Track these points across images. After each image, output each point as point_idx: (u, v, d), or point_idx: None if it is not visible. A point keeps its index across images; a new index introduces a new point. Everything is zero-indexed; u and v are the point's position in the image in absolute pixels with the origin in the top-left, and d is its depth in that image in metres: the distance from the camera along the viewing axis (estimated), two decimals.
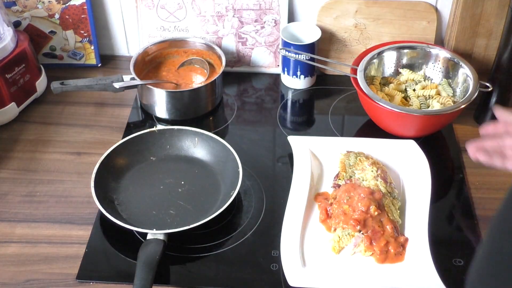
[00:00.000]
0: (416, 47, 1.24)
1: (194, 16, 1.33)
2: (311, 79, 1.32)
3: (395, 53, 1.25)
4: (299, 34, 1.31)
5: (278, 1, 1.29)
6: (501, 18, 1.23)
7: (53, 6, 1.31)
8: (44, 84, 1.30)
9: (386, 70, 1.26)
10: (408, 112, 1.10)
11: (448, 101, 1.16)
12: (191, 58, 1.31)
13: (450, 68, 1.21)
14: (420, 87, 1.21)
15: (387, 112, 1.11)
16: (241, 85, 1.35)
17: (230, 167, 1.06)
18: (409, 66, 1.25)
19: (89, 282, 0.93)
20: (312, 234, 0.98)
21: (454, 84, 1.21)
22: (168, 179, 1.08)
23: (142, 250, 0.91)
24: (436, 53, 1.23)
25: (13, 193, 1.08)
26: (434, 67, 1.24)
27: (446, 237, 1.00)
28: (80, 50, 1.37)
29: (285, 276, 0.90)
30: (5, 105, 1.20)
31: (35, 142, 1.19)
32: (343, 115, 1.27)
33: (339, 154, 1.09)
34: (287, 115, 1.28)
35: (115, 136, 1.20)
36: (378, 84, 1.22)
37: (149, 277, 0.86)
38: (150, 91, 1.21)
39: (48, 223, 1.03)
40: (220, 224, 1.01)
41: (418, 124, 1.13)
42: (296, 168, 1.06)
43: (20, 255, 0.97)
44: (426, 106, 1.17)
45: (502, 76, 1.13)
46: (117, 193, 1.05)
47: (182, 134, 1.13)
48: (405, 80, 1.24)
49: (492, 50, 1.28)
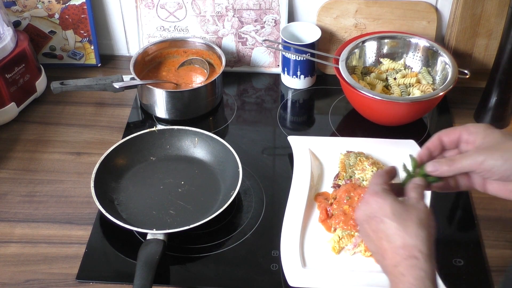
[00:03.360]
0: (396, 37, 1.27)
1: (194, 16, 1.33)
2: (311, 79, 1.32)
3: (375, 43, 1.27)
4: (299, 34, 1.31)
5: (278, 1, 1.29)
6: (501, 18, 1.23)
7: (53, 6, 1.31)
8: (44, 84, 1.30)
9: (367, 59, 1.28)
10: (390, 100, 1.13)
11: (428, 88, 1.18)
12: (191, 58, 1.31)
13: (430, 57, 1.24)
14: (400, 75, 1.24)
15: (370, 100, 1.13)
16: (241, 85, 1.35)
17: (230, 167, 1.06)
18: (390, 55, 1.28)
19: (89, 282, 0.93)
20: (312, 234, 0.97)
21: (433, 72, 1.24)
22: (168, 179, 1.08)
23: (142, 250, 0.91)
24: (416, 42, 1.25)
25: (13, 193, 1.08)
26: (414, 56, 1.26)
27: (446, 237, 1.00)
28: (80, 50, 1.37)
29: (285, 276, 0.90)
30: (5, 105, 1.20)
31: (35, 142, 1.19)
32: (343, 115, 1.27)
33: (339, 154, 1.09)
34: (287, 115, 1.28)
35: (115, 136, 1.20)
36: (360, 73, 1.25)
37: (149, 277, 0.86)
38: (150, 91, 1.20)
39: (48, 223, 1.03)
40: (220, 224, 1.01)
41: (400, 111, 1.16)
42: (296, 168, 1.06)
43: (20, 255, 0.97)
44: (407, 94, 1.20)
45: (502, 76, 1.13)
46: (117, 193, 1.05)
47: (182, 134, 1.13)
48: (386, 69, 1.27)
49: (492, 50, 1.28)
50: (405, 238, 0.71)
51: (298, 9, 1.33)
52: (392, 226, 0.72)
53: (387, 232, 0.72)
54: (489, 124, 0.79)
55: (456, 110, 1.26)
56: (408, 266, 0.69)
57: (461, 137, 0.79)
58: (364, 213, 0.76)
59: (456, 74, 1.16)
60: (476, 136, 0.76)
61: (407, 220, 0.72)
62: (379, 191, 0.76)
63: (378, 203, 0.75)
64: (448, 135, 0.80)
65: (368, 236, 0.75)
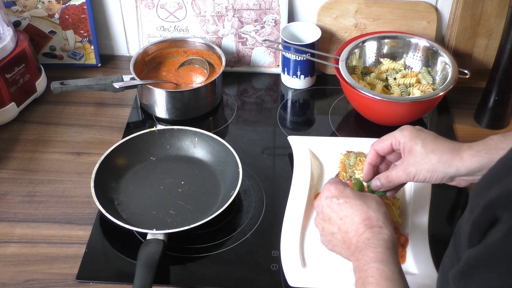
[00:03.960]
0: (396, 37, 1.27)
1: (194, 16, 1.33)
2: (311, 79, 1.32)
3: (375, 43, 1.27)
4: (299, 34, 1.31)
5: (278, 1, 1.29)
6: (501, 18, 1.23)
7: (53, 6, 1.31)
8: (44, 84, 1.30)
9: (367, 59, 1.28)
10: (390, 100, 1.13)
11: (428, 88, 1.18)
12: (191, 58, 1.31)
13: (430, 57, 1.24)
14: (400, 75, 1.24)
15: (370, 100, 1.13)
16: (241, 85, 1.35)
17: (230, 167, 1.06)
18: (390, 55, 1.28)
19: (89, 282, 0.93)
20: (312, 234, 0.97)
21: (433, 72, 1.24)
22: (168, 179, 1.08)
23: (142, 250, 0.91)
24: (416, 42, 1.25)
25: (13, 193, 1.08)
26: (414, 56, 1.26)
27: (446, 237, 1.00)
28: (80, 50, 1.37)
29: (285, 276, 0.90)
30: (5, 105, 1.20)
31: (35, 142, 1.19)
32: (343, 115, 1.27)
33: (339, 154, 1.09)
34: (287, 115, 1.28)
35: (115, 136, 1.20)
36: (360, 73, 1.25)
37: (149, 277, 0.86)
38: (150, 91, 1.20)
39: (48, 223, 1.03)
40: (220, 224, 1.01)
41: (400, 111, 1.16)
42: (296, 168, 1.06)
43: (20, 255, 0.97)
44: (407, 94, 1.20)
45: (502, 76, 1.13)
46: (117, 193, 1.05)
47: (182, 134, 1.13)
48: (386, 69, 1.27)
49: (492, 50, 1.28)
50: (368, 212, 0.78)
51: (298, 9, 1.33)
52: (355, 203, 0.79)
53: (351, 210, 0.79)
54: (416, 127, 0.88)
55: (456, 110, 1.26)
56: (373, 232, 0.76)
57: (393, 145, 0.88)
58: (326, 198, 0.82)
59: (456, 74, 1.16)
60: (404, 145, 0.86)
61: (367, 198, 0.81)
62: (338, 181, 0.85)
63: (339, 188, 0.82)
64: (381, 147, 0.89)
65: (330, 220, 0.81)
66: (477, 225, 0.55)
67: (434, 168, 0.83)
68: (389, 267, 0.72)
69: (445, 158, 0.83)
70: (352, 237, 0.78)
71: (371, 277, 0.71)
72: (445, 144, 0.84)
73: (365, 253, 0.74)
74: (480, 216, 0.55)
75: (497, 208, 0.52)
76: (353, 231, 0.78)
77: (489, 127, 1.21)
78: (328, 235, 0.83)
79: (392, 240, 0.76)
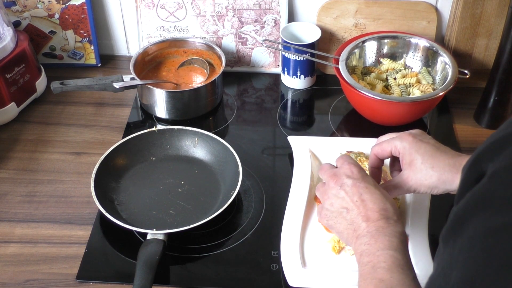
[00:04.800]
0: (396, 37, 1.27)
1: (194, 16, 1.33)
2: (311, 79, 1.32)
3: (375, 43, 1.27)
4: (299, 34, 1.31)
5: (278, 1, 1.29)
6: (501, 18, 1.23)
7: (53, 6, 1.31)
8: (44, 84, 1.30)
9: (367, 59, 1.28)
10: (390, 100, 1.13)
11: (428, 88, 1.18)
12: (191, 58, 1.31)
13: (430, 57, 1.24)
14: (400, 75, 1.24)
15: (370, 100, 1.13)
16: (241, 85, 1.35)
17: (230, 167, 1.06)
18: (390, 55, 1.28)
19: (89, 282, 0.93)
20: (312, 234, 0.97)
21: (433, 72, 1.24)
22: (168, 179, 1.08)
23: (142, 250, 0.91)
24: (416, 42, 1.25)
25: (13, 193, 1.08)
26: (414, 56, 1.26)
27: None
28: (80, 50, 1.37)
29: (285, 276, 0.90)
30: (5, 105, 1.20)
31: (35, 142, 1.19)
32: (343, 115, 1.27)
33: (339, 154, 1.09)
34: (287, 115, 1.28)
35: (115, 136, 1.20)
36: (360, 73, 1.25)
37: (149, 277, 0.86)
38: (150, 91, 1.20)
39: (48, 223, 1.03)
40: (220, 224, 1.01)
41: (400, 111, 1.16)
42: (296, 168, 1.06)
43: (20, 255, 0.97)
44: (407, 94, 1.20)
45: (502, 76, 1.13)
46: (117, 193, 1.05)
47: (182, 134, 1.13)
48: (386, 69, 1.27)
49: (492, 50, 1.28)
50: (386, 204, 0.79)
51: (298, 9, 1.33)
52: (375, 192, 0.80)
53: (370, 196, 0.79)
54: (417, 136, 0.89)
55: (456, 110, 1.26)
56: (388, 223, 0.77)
57: (392, 153, 0.89)
58: (347, 176, 0.83)
59: (456, 74, 1.16)
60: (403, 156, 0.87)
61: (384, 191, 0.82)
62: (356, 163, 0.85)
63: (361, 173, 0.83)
64: (381, 154, 0.91)
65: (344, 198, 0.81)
66: (463, 183, 0.55)
67: (434, 185, 0.85)
68: (402, 256, 0.73)
69: (445, 176, 0.84)
70: (363, 222, 0.78)
71: (383, 262, 0.72)
72: (445, 159, 0.85)
73: (379, 239, 0.74)
74: (466, 175, 0.54)
75: (482, 162, 0.52)
76: (366, 216, 0.78)
77: (489, 127, 1.21)
78: (334, 212, 0.82)
79: (405, 235, 0.77)
